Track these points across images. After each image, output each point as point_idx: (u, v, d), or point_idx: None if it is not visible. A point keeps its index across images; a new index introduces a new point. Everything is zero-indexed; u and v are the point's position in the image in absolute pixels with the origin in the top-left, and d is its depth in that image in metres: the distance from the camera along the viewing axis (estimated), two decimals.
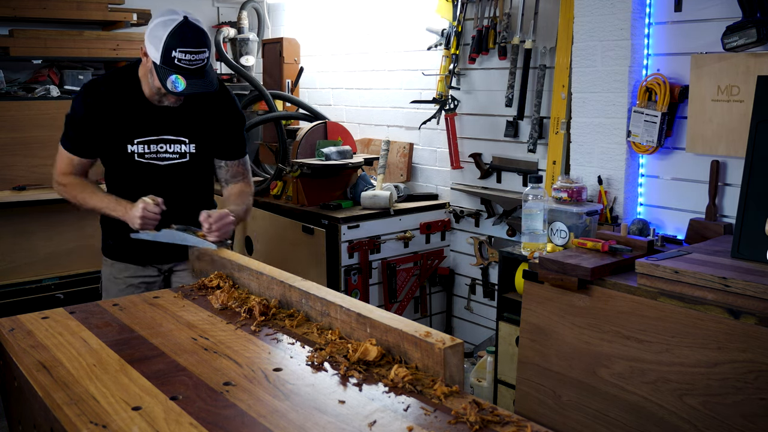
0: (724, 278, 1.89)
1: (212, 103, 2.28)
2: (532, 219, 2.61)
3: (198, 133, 2.28)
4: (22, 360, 1.46)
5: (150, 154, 2.24)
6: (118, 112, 2.20)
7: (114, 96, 2.20)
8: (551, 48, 3.14)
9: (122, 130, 2.22)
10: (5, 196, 3.62)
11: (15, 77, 3.99)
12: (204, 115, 2.28)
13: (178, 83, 2.03)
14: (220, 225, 2.09)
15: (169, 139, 2.25)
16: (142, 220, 2.07)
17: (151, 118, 2.23)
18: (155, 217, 2.09)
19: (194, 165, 2.31)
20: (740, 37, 2.29)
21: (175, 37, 2.01)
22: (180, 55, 2.02)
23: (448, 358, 1.30)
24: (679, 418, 1.99)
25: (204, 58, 2.07)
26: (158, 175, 2.26)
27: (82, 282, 3.86)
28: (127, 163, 2.24)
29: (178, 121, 2.25)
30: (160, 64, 2.03)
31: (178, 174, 2.29)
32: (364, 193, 3.66)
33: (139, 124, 2.22)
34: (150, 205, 2.08)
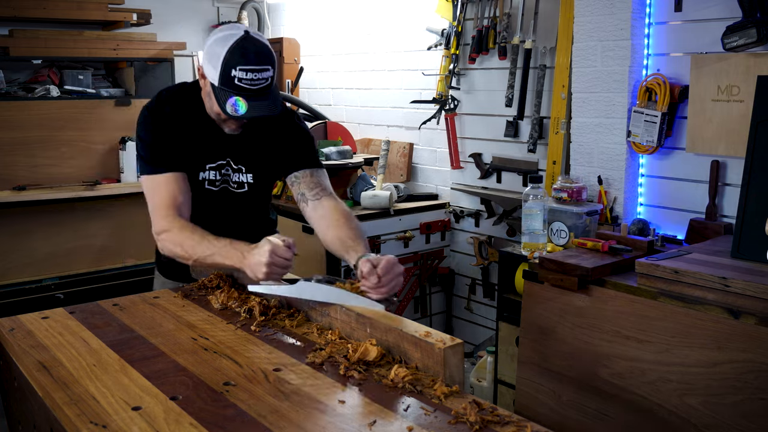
0: (724, 278, 1.89)
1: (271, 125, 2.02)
2: (532, 219, 2.61)
3: (259, 162, 2.03)
4: (22, 360, 1.46)
5: (218, 182, 2.00)
6: (186, 134, 1.94)
7: (179, 112, 1.94)
8: (551, 48, 3.14)
9: (194, 154, 1.95)
10: (5, 196, 3.62)
11: (15, 77, 3.99)
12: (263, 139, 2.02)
13: (239, 106, 1.77)
14: (392, 277, 1.60)
15: (233, 167, 2.01)
16: (269, 268, 1.63)
17: (219, 143, 1.98)
18: (286, 264, 1.65)
19: (254, 194, 2.06)
20: (740, 37, 2.29)
21: (236, 53, 1.75)
22: (241, 74, 1.76)
23: (448, 358, 1.30)
24: (679, 418, 1.99)
25: (268, 77, 1.80)
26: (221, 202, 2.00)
27: (82, 282, 3.86)
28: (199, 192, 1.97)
29: (241, 148, 2.00)
30: (218, 85, 1.78)
31: (240, 203, 2.04)
32: (364, 193, 3.66)
33: (209, 148, 1.97)
34: (280, 249, 1.64)
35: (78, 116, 3.92)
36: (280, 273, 1.65)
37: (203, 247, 1.78)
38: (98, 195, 3.86)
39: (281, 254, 1.63)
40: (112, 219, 3.99)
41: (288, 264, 1.65)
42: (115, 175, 4.06)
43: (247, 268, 1.68)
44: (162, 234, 1.86)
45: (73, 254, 3.88)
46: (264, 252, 1.63)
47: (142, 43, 4.20)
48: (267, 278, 1.64)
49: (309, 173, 2.02)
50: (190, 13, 4.79)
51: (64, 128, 3.88)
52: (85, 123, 3.95)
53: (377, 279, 1.57)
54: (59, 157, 3.88)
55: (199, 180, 1.97)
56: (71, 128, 3.90)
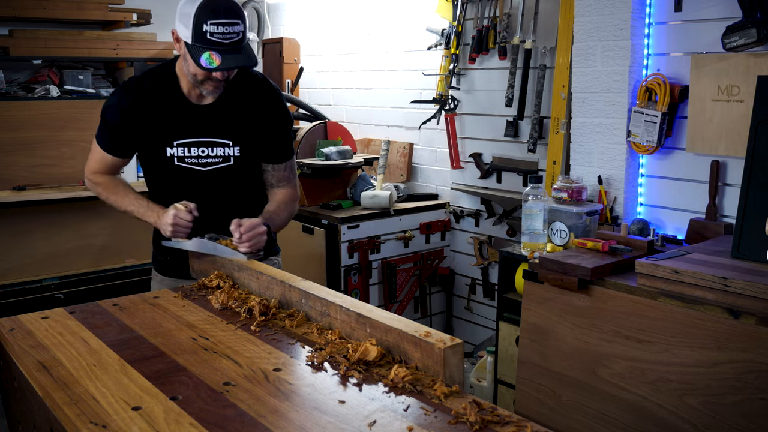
0: (724, 278, 1.89)
1: (258, 102, 2.11)
2: (532, 219, 2.61)
3: (243, 135, 2.10)
4: (22, 360, 1.46)
5: (191, 158, 2.08)
6: (157, 112, 2.05)
7: (152, 94, 2.05)
8: (551, 48, 3.14)
9: (161, 132, 2.06)
10: (5, 196, 3.62)
11: (15, 77, 3.99)
12: (249, 114, 2.10)
13: (212, 60, 1.86)
14: (252, 235, 1.92)
15: (212, 142, 2.08)
16: (173, 227, 1.96)
17: (192, 118, 2.06)
18: (187, 224, 1.96)
19: (239, 169, 2.12)
20: (740, 37, 2.29)
21: (205, 9, 1.84)
22: (212, 28, 1.83)
23: (448, 358, 1.30)
24: (679, 418, 1.99)
25: (239, 31, 1.88)
26: (200, 181, 2.09)
27: (82, 282, 3.86)
28: (167, 167, 2.09)
29: (221, 121, 2.08)
30: (192, 42, 1.85)
31: (222, 179, 2.11)
32: (364, 193, 3.66)
33: (178, 125, 2.06)
34: (182, 212, 1.96)
35: (78, 116, 3.92)
36: (183, 231, 1.97)
37: (126, 203, 2.12)
38: None
39: (182, 216, 1.95)
40: (112, 219, 3.98)
41: (188, 225, 1.96)
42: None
43: (158, 226, 2.02)
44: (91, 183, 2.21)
45: (73, 254, 3.88)
46: (170, 215, 1.96)
47: (142, 43, 4.20)
48: (173, 235, 1.97)
49: (283, 167, 2.20)
50: None
51: (64, 128, 3.88)
52: (85, 123, 3.94)
53: (239, 235, 1.91)
54: (59, 157, 3.88)
55: (167, 156, 2.08)
56: (71, 128, 3.90)
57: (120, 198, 2.14)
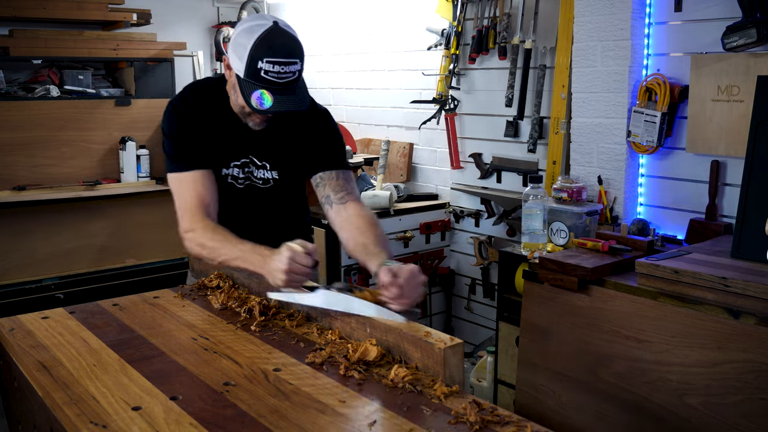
0: (724, 278, 1.89)
1: (300, 123, 1.97)
2: (532, 219, 2.61)
3: (284, 158, 1.98)
4: (22, 360, 1.46)
5: (241, 179, 1.96)
6: (213, 130, 1.91)
7: (206, 110, 1.91)
8: (551, 48, 3.14)
9: (217, 151, 1.92)
10: (5, 196, 3.62)
11: (15, 77, 3.99)
12: (290, 136, 1.97)
13: (264, 99, 1.72)
14: (413, 287, 1.52)
15: (257, 163, 1.97)
16: (287, 275, 1.57)
17: (244, 139, 1.94)
18: (305, 271, 1.59)
19: (280, 191, 2.01)
20: (740, 37, 2.29)
21: (263, 45, 1.70)
22: (268, 66, 1.70)
23: (448, 358, 1.30)
24: (679, 418, 1.99)
25: (295, 70, 1.74)
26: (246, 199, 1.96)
27: (82, 282, 3.86)
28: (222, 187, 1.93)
29: (266, 144, 1.96)
30: (244, 77, 1.73)
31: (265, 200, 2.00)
32: (364, 193, 3.66)
33: (233, 145, 1.93)
34: (299, 255, 1.57)
35: (78, 116, 3.92)
36: (298, 280, 1.59)
37: (226, 250, 1.75)
38: (98, 195, 3.86)
39: (300, 261, 1.57)
40: (112, 219, 3.99)
41: (307, 271, 1.59)
42: (115, 175, 4.06)
43: (266, 274, 1.63)
44: (188, 233, 1.84)
45: (73, 254, 3.88)
46: (283, 258, 1.57)
47: (142, 43, 4.20)
48: (285, 285, 1.59)
49: (335, 175, 1.96)
50: (190, 13, 4.79)
51: (64, 128, 3.88)
52: (85, 123, 3.95)
53: (398, 290, 1.48)
54: (59, 157, 3.88)
55: (222, 176, 1.94)
56: (71, 128, 3.90)
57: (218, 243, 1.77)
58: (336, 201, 1.92)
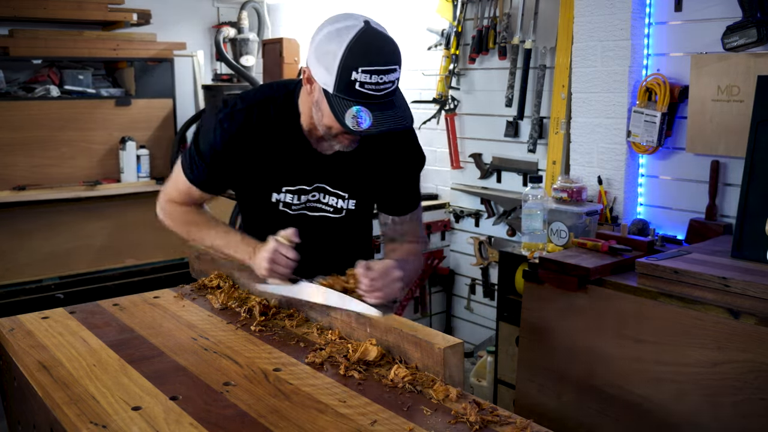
0: (724, 278, 1.89)
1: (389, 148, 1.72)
2: (532, 219, 2.61)
3: (362, 187, 1.75)
4: (22, 360, 1.46)
5: (298, 206, 1.74)
6: (268, 151, 1.67)
7: (263, 129, 1.65)
8: (551, 48, 3.14)
9: (269, 175, 1.70)
10: (5, 196, 3.62)
11: (15, 77, 3.99)
12: (373, 160, 1.72)
13: (363, 118, 1.44)
14: (386, 282, 1.50)
15: (325, 190, 1.73)
16: (270, 265, 1.56)
17: (309, 164, 1.69)
18: (287, 263, 1.56)
19: (350, 222, 1.79)
20: (740, 37, 2.29)
21: (357, 51, 1.42)
22: (364, 77, 1.42)
23: (448, 358, 1.30)
24: (679, 418, 1.99)
25: (395, 79, 1.49)
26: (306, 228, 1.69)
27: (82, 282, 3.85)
28: (270, 212, 1.74)
29: (341, 171, 1.71)
30: (334, 92, 1.45)
31: (330, 230, 1.77)
32: None
33: (291, 170, 1.69)
34: (283, 247, 1.55)
35: (78, 116, 3.92)
36: (282, 272, 1.57)
37: (212, 237, 1.70)
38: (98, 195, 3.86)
39: (283, 252, 1.55)
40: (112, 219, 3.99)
41: (289, 263, 1.57)
42: (115, 175, 4.06)
43: (253, 265, 1.62)
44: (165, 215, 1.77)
45: (73, 254, 3.88)
46: (267, 249, 1.56)
47: (142, 43, 4.20)
48: (269, 276, 1.59)
49: (409, 218, 1.81)
50: (190, 13, 4.79)
51: (64, 128, 3.88)
52: (85, 123, 3.95)
53: (370, 282, 1.48)
54: (59, 157, 3.88)
55: (272, 201, 1.73)
56: (71, 128, 3.90)
57: (203, 231, 1.72)
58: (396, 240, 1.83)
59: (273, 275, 1.59)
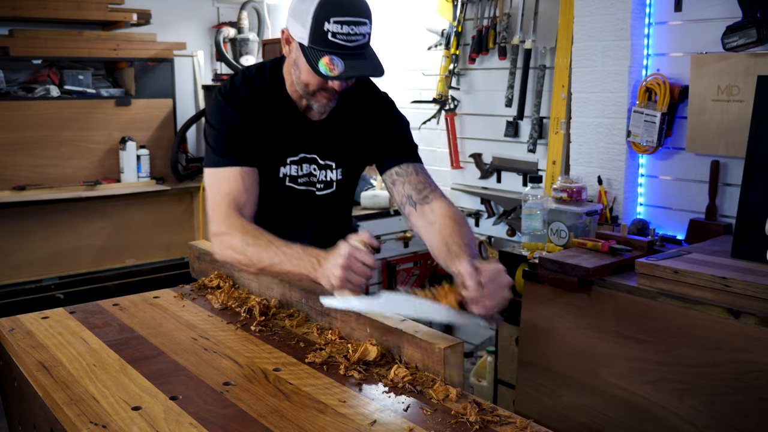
0: (724, 278, 1.89)
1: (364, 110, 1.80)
2: (532, 219, 2.61)
3: (348, 155, 1.80)
4: (22, 360, 1.46)
5: (303, 177, 1.76)
6: (270, 122, 1.71)
7: (258, 95, 1.71)
8: (551, 48, 3.14)
9: (273, 146, 1.72)
10: (5, 196, 3.62)
11: (15, 77, 3.99)
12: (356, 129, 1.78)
13: (336, 64, 1.52)
14: (497, 286, 1.35)
15: (318, 162, 1.77)
16: (344, 273, 1.37)
17: (303, 132, 1.74)
18: (365, 271, 1.39)
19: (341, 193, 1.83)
20: (740, 37, 2.28)
21: (328, 4, 1.51)
22: (335, 27, 1.51)
23: (448, 358, 1.30)
24: (679, 418, 1.99)
25: (365, 32, 1.55)
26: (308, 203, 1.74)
27: (82, 282, 3.86)
28: (278, 191, 1.74)
29: (328, 139, 1.76)
30: (308, 44, 1.53)
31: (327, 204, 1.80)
32: (364, 193, 3.66)
33: (290, 139, 1.73)
34: (359, 252, 1.38)
35: (78, 116, 3.92)
36: (357, 281, 1.39)
37: (270, 254, 1.52)
38: (98, 195, 3.86)
39: (360, 258, 1.38)
40: (112, 219, 3.99)
41: (368, 272, 1.39)
42: (115, 175, 4.06)
43: (320, 276, 1.43)
44: (221, 237, 1.61)
45: (73, 254, 3.88)
46: (340, 256, 1.38)
47: (142, 43, 4.20)
48: (342, 287, 1.39)
49: (413, 169, 1.76)
50: (190, 13, 4.78)
51: (64, 128, 3.88)
52: (85, 123, 3.95)
53: (480, 287, 1.31)
54: (59, 157, 3.88)
55: (279, 177, 1.73)
56: (71, 128, 3.90)
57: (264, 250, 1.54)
58: (419, 201, 1.70)
59: (347, 285, 1.39)
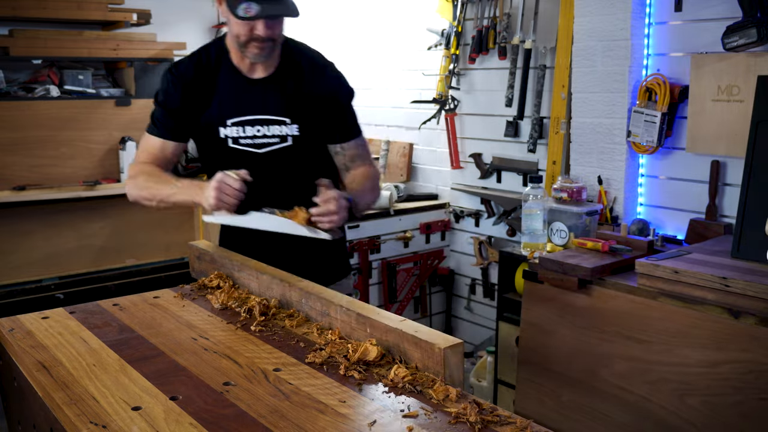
0: (724, 278, 1.89)
1: (315, 76, 1.97)
2: (532, 219, 2.61)
3: (301, 112, 1.93)
4: (22, 360, 1.46)
5: (245, 139, 1.91)
6: (209, 89, 1.92)
7: (204, 70, 1.92)
8: (551, 48, 3.14)
9: (214, 110, 1.92)
10: (5, 196, 3.61)
11: (15, 77, 3.99)
12: (306, 89, 1.94)
13: (251, 6, 1.75)
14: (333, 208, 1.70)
15: (267, 120, 1.91)
16: (217, 194, 1.71)
17: (246, 93, 1.92)
18: (234, 193, 1.72)
19: (299, 151, 1.94)
20: (740, 37, 2.29)
21: None
22: None
23: (448, 358, 1.30)
24: (679, 418, 1.99)
25: None
26: (257, 164, 1.89)
27: (82, 282, 3.85)
28: (221, 150, 1.92)
29: (277, 96, 1.92)
30: None
31: (281, 162, 1.93)
32: None
33: (232, 102, 1.92)
34: (228, 178, 1.72)
35: (78, 116, 3.92)
36: (228, 202, 1.72)
37: (166, 188, 1.85)
38: (98, 195, 3.86)
39: (229, 183, 1.71)
40: (112, 219, 3.98)
41: (236, 194, 1.71)
42: (115, 175, 4.06)
43: (203, 200, 1.75)
44: (130, 180, 1.93)
45: (73, 254, 3.88)
46: (214, 181, 1.71)
47: (142, 43, 4.20)
48: (217, 207, 1.72)
49: (353, 145, 2.00)
50: (190, 13, 4.78)
51: (64, 128, 3.88)
52: (85, 123, 3.94)
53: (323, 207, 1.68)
54: (59, 157, 3.88)
55: (221, 138, 1.91)
56: (71, 128, 3.90)
57: (162, 186, 1.87)
58: (349, 167, 2.00)
59: (220, 204, 1.72)
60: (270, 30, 1.84)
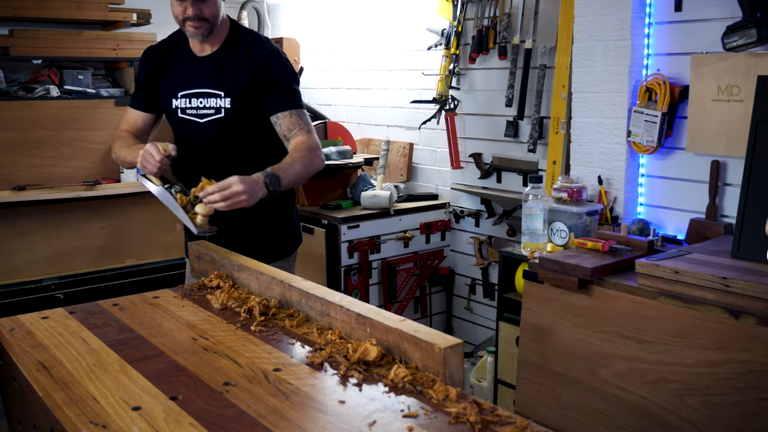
0: (724, 278, 1.89)
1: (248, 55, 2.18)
2: (532, 219, 2.61)
3: (232, 86, 2.17)
4: (22, 360, 1.46)
5: (191, 110, 2.21)
6: (169, 66, 2.24)
7: (165, 50, 2.26)
8: (551, 48, 3.14)
9: (169, 84, 2.24)
10: (5, 196, 3.61)
11: (15, 77, 3.99)
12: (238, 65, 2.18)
13: None
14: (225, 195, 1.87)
15: (207, 93, 2.19)
16: (141, 159, 1.99)
17: (193, 69, 2.21)
18: (154, 162, 1.98)
19: (233, 122, 2.17)
20: (740, 37, 2.29)
21: None
22: None
23: (448, 358, 1.30)
24: (679, 418, 1.99)
25: None
26: (198, 132, 2.19)
27: (82, 282, 3.85)
28: (174, 119, 2.24)
29: (216, 72, 2.19)
30: None
31: (218, 132, 2.18)
32: (364, 193, 3.66)
33: (182, 77, 2.22)
34: (152, 149, 1.98)
35: (78, 116, 3.92)
36: (149, 169, 1.99)
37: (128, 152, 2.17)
38: (98, 195, 3.86)
39: (152, 153, 1.97)
40: (112, 219, 3.98)
41: (156, 164, 1.97)
42: (115, 175, 4.06)
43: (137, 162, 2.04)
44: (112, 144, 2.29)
45: (73, 254, 3.88)
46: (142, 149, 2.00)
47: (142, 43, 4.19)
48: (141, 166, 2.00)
49: (288, 114, 2.17)
50: None
51: (64, 128, 3.88)
52: (85, 123, 3.94)
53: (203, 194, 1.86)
54: (59, 157, 3.88)
55: (173, 108, 2.22)
56: (71, 128, 3.90)
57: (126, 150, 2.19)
58: (288, 137, 2.16)
59: (143, 169, 2.01)
60: (198, 10, 2.08)
